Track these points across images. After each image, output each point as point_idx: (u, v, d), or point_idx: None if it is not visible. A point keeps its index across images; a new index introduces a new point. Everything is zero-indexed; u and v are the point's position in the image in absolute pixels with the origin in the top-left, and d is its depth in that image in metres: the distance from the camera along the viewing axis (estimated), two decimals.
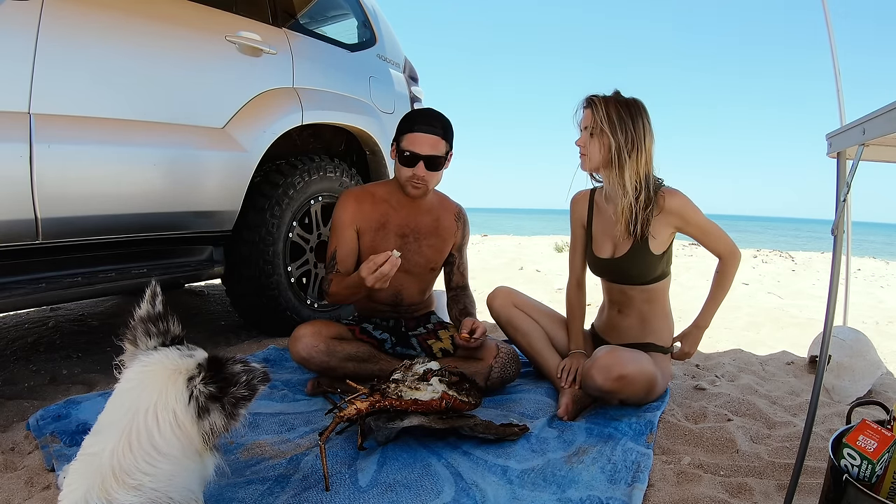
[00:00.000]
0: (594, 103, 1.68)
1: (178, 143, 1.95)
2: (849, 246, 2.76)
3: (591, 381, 1.59)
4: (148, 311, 1.02)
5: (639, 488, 1.26)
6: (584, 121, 1.71)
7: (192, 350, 1.02)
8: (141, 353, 0.98)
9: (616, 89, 1.72)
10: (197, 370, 0.96)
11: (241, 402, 0.96)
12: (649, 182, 1.68)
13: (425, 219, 1.92)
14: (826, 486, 1.04)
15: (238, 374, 0.96)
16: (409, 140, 1.76)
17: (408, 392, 1.41)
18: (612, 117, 1.64)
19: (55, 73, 1.60)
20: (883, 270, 6.43)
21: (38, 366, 2.13)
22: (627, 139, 1.64)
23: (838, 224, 1.07)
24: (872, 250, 12.87)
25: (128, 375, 0.96)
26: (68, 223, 1.68)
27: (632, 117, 1.65)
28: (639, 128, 1.65)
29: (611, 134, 1.64)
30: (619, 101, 1.67)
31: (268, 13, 2.35)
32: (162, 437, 0.89)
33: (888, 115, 0.90)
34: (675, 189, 1.71)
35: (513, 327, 1.95)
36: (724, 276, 1.77)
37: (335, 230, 1.87)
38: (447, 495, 1.24)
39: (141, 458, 0.86)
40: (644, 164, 1.66)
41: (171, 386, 0.93)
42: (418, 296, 2.00)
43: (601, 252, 1.82)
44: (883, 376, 2.03)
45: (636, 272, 1.73)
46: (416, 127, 1.76)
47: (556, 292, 4.09)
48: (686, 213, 1.69)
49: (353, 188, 1.93)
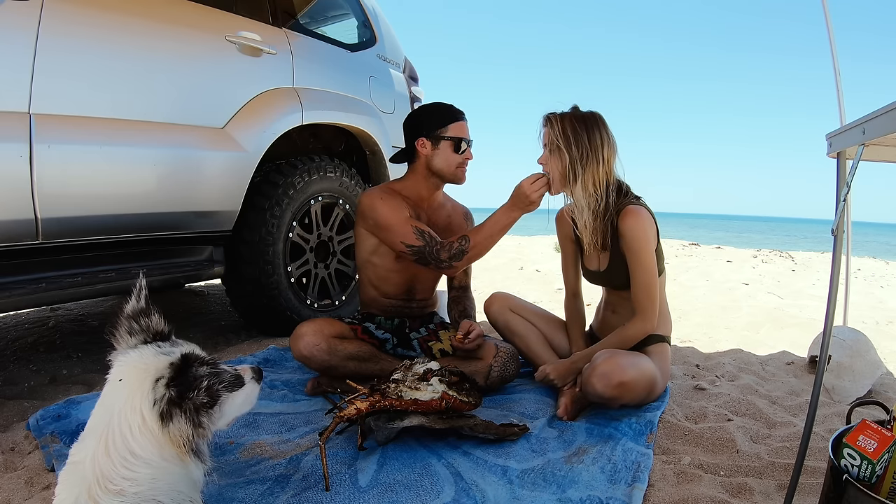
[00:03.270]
0: (551, 121, 1.70)
1: (179, 143, 1.95)
2: (849, 246, 2.76)
3: (591, 389, 1.58)
4: (133, 307, 0.98)
5: (639, 488, 1.26)
6: (544, 138, 1.73)
7: (174, 346, 0.97)
8: (121, 353, 0.95)
9: (574, 105, 1.72)
10: (168, 370, 0.91)
11: (202, 410, 0.91)
12: (609, 192, 1.68)
13: (441, 214, 1.97)
14: (826, 486, 1.04)
15: (198, 378, 0.90)
16: (457, 128, 1.84)
17: (408, 392, 1.41)
18: (567, 132, 1.65)
19: (55, 73, 1.60)
20: (883, 270, 6.43)
21: (38, 366, 2.13)
22: (582, 152, 1.64)
23: (838, 224, 1.07)
24: (872, 250, 12.87)
25: (109, 377, 0.94)
26: (68, 223, 1.68)
27: (587, 130, 1.65)
28: (594, 139, 1.65)
29: (566, 149, 1.65)
30: (576, 116, 1.68)
31: (268, 13, 2.35)
32: (135, 440, 0.86)
33: (888, 115, 0.90)
34: (638, 208, 1.68)
35: (510, 331, 1.97)
36: (622, 333, 1.71)
37: (398, 220, 1.77)
38: (447, 495, 1.24)
39: (119, 462, 0.84)
40: (603, 175, 1.66)
41: (138, 388, 0.89)
42: (430, 291, 2.04)
43: (590, 264, 1.85)
44: (883, 376, 2.03)
45: (623, 281, 1.75)
46: (459, 115, 1.86)
47: (556, 292, 4.09)
48: (630, 236, 1.66)
49: (375, 189, 1.89)
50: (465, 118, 1.88)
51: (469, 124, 1.89)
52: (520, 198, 1.70)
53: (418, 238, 1.76)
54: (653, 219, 1.71)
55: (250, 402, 1.05)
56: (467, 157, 1.87)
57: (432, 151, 1.84)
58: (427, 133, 1.84)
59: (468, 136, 1.87)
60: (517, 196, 1.70)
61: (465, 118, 1.88)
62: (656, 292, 1.70)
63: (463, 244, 1.75)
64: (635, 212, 1.67)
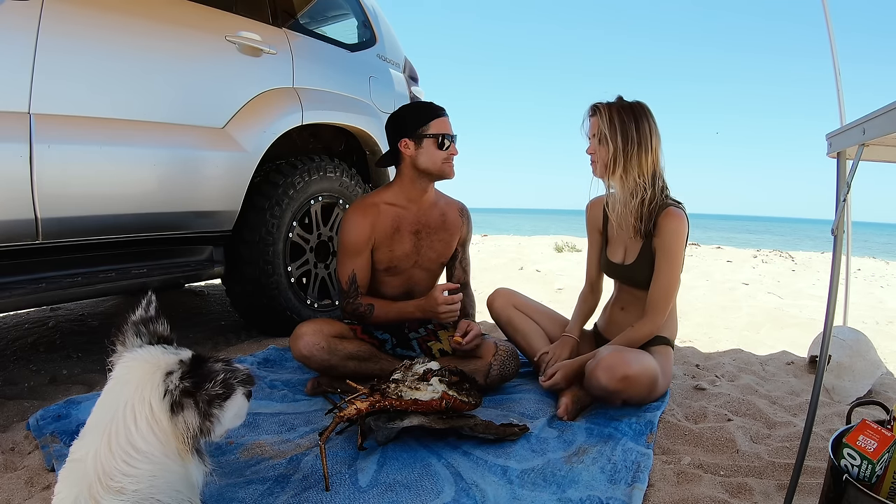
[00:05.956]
0: (599, 110, 1.73)
1: (178, 143, 1.95)
2: (849, 246, 2.76)
3: (595, 382, 1.60)
4: (141, 316, 1.02)
5: (639, 488, 1.26)
6: (591, 128, 1.76)
7: (180, 350, 1.01)
8: (126, 352, 0.98)
9: (619, 95, 1.76)
10: (177, 366, 0.94)
11: (216, 401, 0.94)
12: (657, 181, 1.72)
13: (433, 213, 1.95)
14: (826, 486, 1.04)
15: (215, 371, 0.94)
16: (439, 125, 1.84)
17: (408, 392, 1.41)
18: (615, 122, 1.69)
19: (55, 73, 1.60)
20: (883, 270, 6.43)
21: (38, 366, 2.13)
22: (632, 141, 1.68)
23: (838, 224, 1.07)
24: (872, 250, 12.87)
25: (112, 375, 0.96)
26: (68, 223, 1.68)
27: (635, 120, 1.69)
28: (643, 129, 1.69)
29: (616, 137, 1.68)
30: (622, 106, 1.72)
31: (268, 13, 2.35)
32: (139, 433, 0.87)
33: (888, 115, 0.90)
34: (680, 212, 1.71)
35: (512, 328, 1.97)
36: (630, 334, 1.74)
37: (349, 252, 1.85)
38: (447, 495, 1.24)
39: (120, 458, 0.85)
40: (650, 164, 1.70)
41: (149, 380, 0.91)
42: (428, 291, 2.02)
43: (614, 256, 1.87)
44: (883, 376, 2.03)
45: (645, 279, 1.76)
46: (439, 112, 1.85)
47: (556, 292, 4.09)
48: (669, 237, 1.69)
49: (357, 204, 1.90)
50: (445, 114, 1.86)
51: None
52: (430, 304, 1.80)
53: (346, 282, 1.86)
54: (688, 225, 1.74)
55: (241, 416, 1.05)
56: (452, 152, 1.85)
57: (416, 151, 1.83)
58: (409, 133, 1.83)
59: (451, 132, 1.86)
60: (428, 301, 1.80)
61: (445, 114, 1.86)
62: (673, 296, 1.74)
63: (367, 312, 1.86)
64: (678, 214, 1.70)
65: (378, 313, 1.85)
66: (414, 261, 1.92)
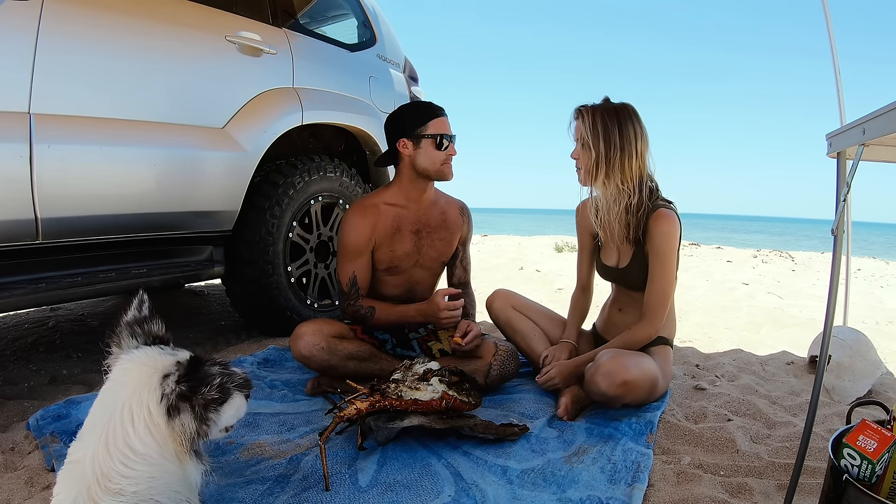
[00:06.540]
0: (582, 114, 1.69)
1: (178, 143, 1.95)
2: (849, 246, 2.76)
3: (595, 388, 1.59)
4: (134, 316, 1.02)
5: (639, 488, 1.26)
6: (576, 132, 1.73)
7: (177, 350, 1.00)
8: (123, 354, 0.98)
9: (605, 96, 1.72)
10: (174, 368, 0.94)
11: (211, 406, 0.93)
12: (643, 185, 1.68)
13: (434, 212, 1.95)
14: (826, 486, 1.04)
15: (212, 375, 0.93)
16: (437, 125, 1.82)
17: (408, 392, 1.41)
18: (598, 127, 1.65)
19: (55, 73, 1.60)
20: (883, 270, 6.42)
21: (38, 366, 2.13)
22: (615, 147, 1.63)
23: (838, 224, 1.07)
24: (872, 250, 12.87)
25: (109, 376, 0.96)
26: (68, 223, 1.68)
27: (619, 123, 1.65)
28: (626, 133, 1.64)
29: (598, 143, 1.64)
30: (607, 109, 1.67)
31: (268, 13, 2.35)
32: (137, 435, 0.87)
33: (888, 115, 0.90)
34: (671, 213, 1.68)
35: (512, 329, 1.97)
36: (628, 337, 1.72)
37: (349, 254, 1.85)
38: (447, 495, 1.24)
39: (118, 459, 0.85)
40: (636, 169, 1.66)
41: (146, 383, 0.91)
42: (429, 292, 2.04)
43: (608, 260, 1.85)
44: (883, 376, 2.03)
45: (639, 282, 1.75)
46: (438, 112, 1.84)
47: (556, 292, 4.09)
48: (660, 240, 1.66)
49: (356, 205, 1.90)
50: (444, 114, 1.85)
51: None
52: (431, 309, 1.79)
53: (347, 283, 1.86)
54: (680, 225, 1.71)
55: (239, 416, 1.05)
56: (450, 152, 1.85)
57: (414, 151, 1.82)
58: (407, 133, 1.82)
59: (450, 132, 1.85)
60: (430, 307, 1.79)
61: (444, 114, 1.85)
62: (669, 299, 1.72)
63: (368, 314, 1.85)
64: (669, 216, 1.66)
65: (379, 316, 1.85)
66: (415, 260, 1.92)
